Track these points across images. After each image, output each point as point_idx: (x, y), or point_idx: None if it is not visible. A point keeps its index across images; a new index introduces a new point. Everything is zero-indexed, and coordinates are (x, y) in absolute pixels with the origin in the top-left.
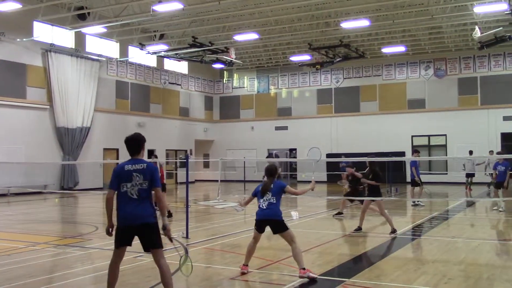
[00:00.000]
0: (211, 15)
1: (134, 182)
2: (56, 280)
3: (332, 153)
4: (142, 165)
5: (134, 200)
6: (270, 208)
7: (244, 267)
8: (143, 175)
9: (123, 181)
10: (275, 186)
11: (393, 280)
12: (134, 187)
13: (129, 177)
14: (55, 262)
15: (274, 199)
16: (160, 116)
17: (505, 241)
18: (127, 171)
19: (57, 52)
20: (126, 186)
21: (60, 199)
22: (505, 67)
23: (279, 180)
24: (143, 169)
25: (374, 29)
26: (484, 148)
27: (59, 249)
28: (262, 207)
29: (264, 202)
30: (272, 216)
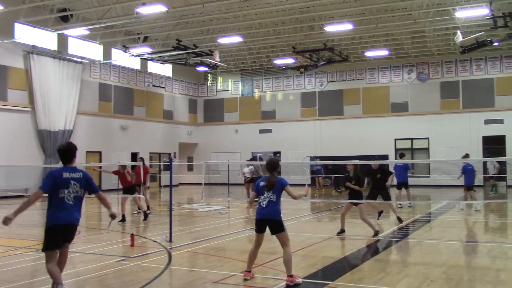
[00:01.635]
0: (195, 17)
1: (71, 189)
2: (37, 285)
3: (317, 156)
4: (79, 174)
5: (70, 205)
6: (270, 207)
7: (246, 274)
8: (80, 183)
9: (61, 187)
10: (278, 182)
11: (376, 283)
12: (70, 193)
13: (66, 184)
14: (36, 267)
15: (275, 197)
16: (143, 119)
17: (486, 243)
18: (65, 178)
19: (39, 54)
20: (63, 192)
21: (41, 202)
22: (487, 71)
23: (280, 176)
24: (79, 178)
25: (357, 33)
26: (466, 151)
27: (40, 254)
28: (263, 205)
29: (265, 199)
30: (272, 216)
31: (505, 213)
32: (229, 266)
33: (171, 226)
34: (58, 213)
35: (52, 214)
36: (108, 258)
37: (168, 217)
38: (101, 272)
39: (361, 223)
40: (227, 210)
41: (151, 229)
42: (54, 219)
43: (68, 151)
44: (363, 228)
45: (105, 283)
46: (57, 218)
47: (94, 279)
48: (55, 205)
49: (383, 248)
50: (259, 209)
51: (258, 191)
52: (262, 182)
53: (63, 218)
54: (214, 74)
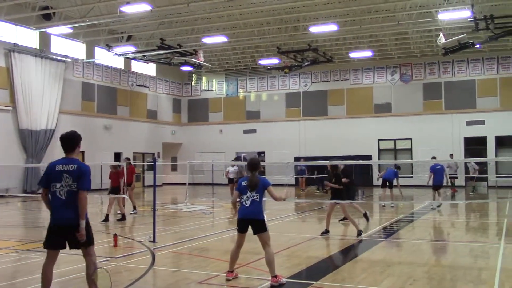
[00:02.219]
0: (179, 17)
1: (63, 183)
2: (19, 286)
3: (301, 156)
4: (73, 166)
5: (62, 201)
6: (253, 207)
7: (229, 274)
8: (72, 176)
9: (53, 181)
10: (260, 182)
11: (359, 282)
12: (63, 188)
13: (59, 177)
14: (18, 268)
15: (258, 196)
16: (127, 119)
17: (468, 243)
18: (57, 171)
19: (20, 53)
20: (55, 186)
21: (22, 203)
22: (468, 73)
23: (262, 176)
24: (73, 170)
25: (341, 34)
26: (448, 152)
27: (21, 254)
28: (246, 205)
29: (248, 199)
30: (255, 215)
31: (486, 213)
32: (213, 267)
33: (155, 227)
34: (52, 211)
35: (51, 212)
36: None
37: (151, 217)
38: (84, 272)
39: (345, 223)
40: (211, 210)
41: (134, 229)
42: (51, 218)
43: (68, 139)
44: (347, 228)
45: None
46: (52, 217)
47: (77, 279)
48: (51, 200)
49: (367, 248)
50: (242, 209)
51: (241, 191)
52: (244, 181)
53: (55, 217)
54: (198, 74)
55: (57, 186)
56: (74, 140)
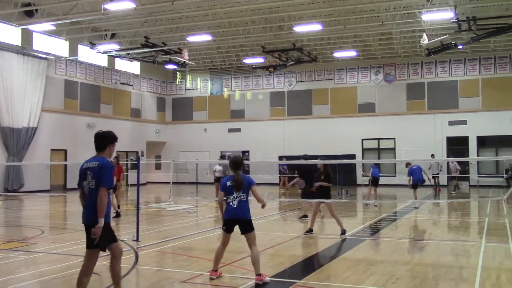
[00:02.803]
0: (164, 15)
1: (87, 181)
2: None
3: (285, 155)
4: (95, 163)
5: (87, 200)
6: (241, 207)
7: (213, 273)
8: (93, 173)
9: (81, 179)
10: (245, 182)
11: (343, 281)
12: (87, 185)
13: (84, 176)
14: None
15: (244, 196)
16: (111, 117)
17: (450, 241)
18: (84, 169)
19: (2, 50)
20: (82, 184)
21: (3, 201)
22: (451, 73)
23: (246, 175)
24: (94, 167)
25: (326, 34)
26: (430, 151)
27: (2, 254)
28: (233, 205)
29: (234, 199)
30: (243, 216)
31: (467, 212)
32: (197, 266)
33: (138, 225)
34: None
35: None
36: (73, 258)
37: (135, 216)
38: (65, 272)
39: (328, 222)
40: (195, 209)
41: (117, 228)
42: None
43: (99, 137)
44: (330, 227)
45: (69, 283)
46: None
47: (58, 279)
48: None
49: (350, 246)
50: (229, 209)
51: (226, 191)
52: (229, 182)
53: (82, 215)
54: (183, 72)
55: (84, 184)
56: (105, 139)
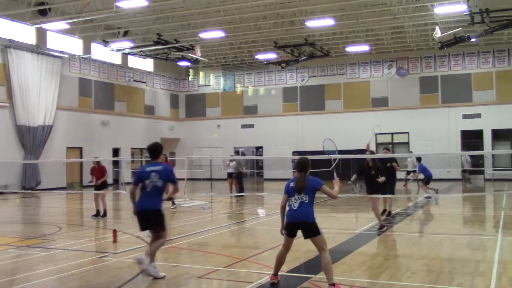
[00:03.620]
0: (176, 12)
1: (151, 180)
2: (18, 283)
3: (298, 151)
4: (159, 167)
5: (150, 192)
6: (302, 209)
7: (273, 277)
8: (159, 174)
9: (144, 179)
10: (308, 183)
11: (358, 276)
12: (151, 183)
13: (148, 176)
14: (17, 264)
15: (307, 198)
16: (124, 114)
17: (466, 235)
18: (148, 171)
19: (17, 49)
20: (144, 182)
21: (21, 199)
22: (464, 66)
23: (313, 176)
24: (160, 170)
25: (338, 28)
26: (444, 145)
27: (21, 251)
28: (294, 208)
29: (295, 201)
30: (305, 218)
31: (483, 206)
32: (212, 261)
33: None
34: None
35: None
36: (91, 255)
37: None
38: (83, 268)
39: (343, 217)
40: (210, 205)
41: (133, 225)
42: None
43: (152, 149)
44: (345, 222)
45: (87, 279)
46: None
47: (76, 275)
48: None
49: (365, 241)
50: (290, 212)
51: (288, 193)
52: (292, 183)
53: (140, 205)
54: (195, 69)
55: (146, 183)
56: (157, 150)
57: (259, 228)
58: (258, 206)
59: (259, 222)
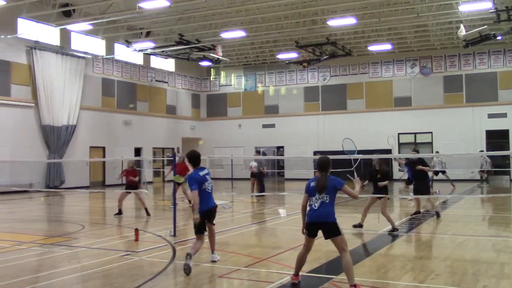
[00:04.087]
0: (197, 12)
1: (208, 182)
2: (42, 280)
3: (319, 151)
4: (207, 171)
5: (209, 194)
6: (323, 209)
7: (294, 277)
8: (209, 178)
9: (202, 182)
10: (329, 183)
11: (380, 277)
12: (209, 185)
13: (205, 180)
14: (41, 262)
15: (328, 198)
16: (146, 114)
17: (491, 237)
18: (204, 175)
19: (41, 49)
20: (204, 185)
21: (45, 197)
22: (490, 65)
23: (334, 176)
24: (209, 173)
25: (360, 27)
26: (469, 145)
27: (45, 248)
28: (314, 208)
29: (316, 201)
30: (325, 218)
31: (508, 207)
32: (233, 261)
33: (175, 221)
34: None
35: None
36: (113, 253)
37: (172, 212)
38: (106, 266)
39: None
40: (231, 205)
41: (155, 224)
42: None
43: (195, 157)
44: (367, 223)
45: (110, 277)
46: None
47: (99, 273)
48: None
49: (387, 242)
50: (310, 212)
51: (309, 193)
52: (313, 182)
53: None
54: (217, 68)
55: (206, 185)
56: (198, 158)
57: (280, 228)
58: (279, 206)
59: (280, 222)
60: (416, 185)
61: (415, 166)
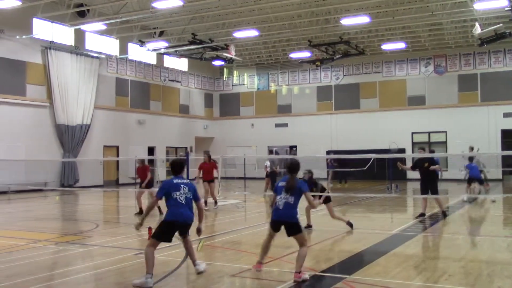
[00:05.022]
0: (210, 11)
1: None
2: (57, 278)
3: (333, 150)
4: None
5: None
6: (286, 210)
7: (258, 265)
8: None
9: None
10: (297, 185)
11: (393, 277)
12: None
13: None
14: (56, 260)
15: (292, 199)
16: (160, 113)
17: (506, 238)
18: (175, 183)
19: (56, 50)
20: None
21: (60, 196)
22: (505, 63)
23: (301, 179)
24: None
25: (374, 26)
26: (484, 145)
27: (59, 246)
28: (279, 207)
29: (281, 200)
30: (287, 218)
31: None
32: (245, 260)
33: None
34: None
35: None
36: (126, 251)
37: None
38: (119, 265)
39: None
40: (244, 204)
41: None
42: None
43: (176, 164)
44: (380, 223)
45: (123, 275)
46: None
47: (112, 271)
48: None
49: (401, 242)
50: (275, 210)
51: (276, 191)
52: (282, 182)
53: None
54: (229, 68)
55: (177, 194)
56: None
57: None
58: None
59: None
60: (425, 185)
61: (423, 164)
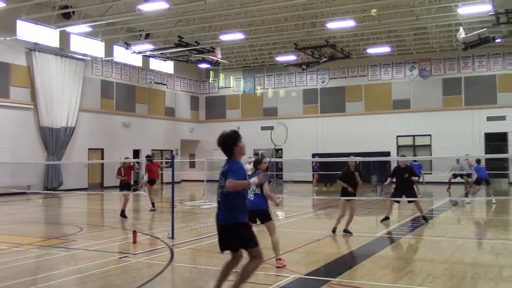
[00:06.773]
0: (197, 14)
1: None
2: (40, 282)
3: (318, 153)
4: (225, 166)
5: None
6: (256, 199)
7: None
8: (224, 177)
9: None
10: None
11: (378, 280)
12: (218, 189)
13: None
14: (39, 264)
15: (259, 190)
16: (145, 116)
17: (490, 240)
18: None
19: (41, 51)
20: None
21: (44, 199)
22: (489, 67)
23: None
24: (224, 171)
25: (359, 30)
26: (468, 148)
27: (43, 250)
28: (251, 198)
29: (251, 192)
30: (259, 206)
31: (507, 210)
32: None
33: (173, 223)
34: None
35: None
36: (111, 255)
37: (170, 214)
38: (103, 268)
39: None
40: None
41: (153, 226)
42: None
43: (221, 142)
44: (365, 225)
45: (107, 279)
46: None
47: (96, 275)
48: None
49: (386, 245)
50: (248, 202)
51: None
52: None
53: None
54: (216, 71)
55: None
56: (225, 143)
57: (277, 230)
58: (277, 208)
59: (279, 225)
60: (400, 191)
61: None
